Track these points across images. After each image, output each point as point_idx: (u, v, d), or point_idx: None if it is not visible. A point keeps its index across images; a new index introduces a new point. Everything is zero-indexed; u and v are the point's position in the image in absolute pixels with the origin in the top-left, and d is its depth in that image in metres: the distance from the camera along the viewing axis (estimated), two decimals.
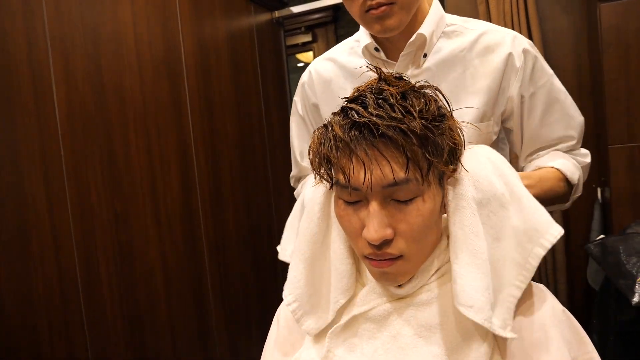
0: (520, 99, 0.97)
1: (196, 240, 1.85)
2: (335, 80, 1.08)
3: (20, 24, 1.28)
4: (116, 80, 1.55)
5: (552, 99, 0.98)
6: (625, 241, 1.41)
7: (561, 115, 0.99)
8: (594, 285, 1.82)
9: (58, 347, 1.32)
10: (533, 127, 0.99)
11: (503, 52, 0.95)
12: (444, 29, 0.99)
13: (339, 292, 0.68)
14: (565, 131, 1.00)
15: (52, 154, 1.35)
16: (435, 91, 0.64)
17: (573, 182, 0.98)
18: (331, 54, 1.12)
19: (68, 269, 1.37)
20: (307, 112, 1.16)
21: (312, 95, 1.13)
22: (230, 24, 2.16)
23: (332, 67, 1.09)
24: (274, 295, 2.32)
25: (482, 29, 0.98)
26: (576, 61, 2.23)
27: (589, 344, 0.66)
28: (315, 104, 1.13)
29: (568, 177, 0.97)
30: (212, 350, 1.89)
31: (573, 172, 0.98)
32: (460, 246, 0.62)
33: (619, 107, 1.85)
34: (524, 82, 0.96)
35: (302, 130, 1.19)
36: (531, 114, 0.98)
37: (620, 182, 1.86)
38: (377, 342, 0.66)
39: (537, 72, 0.97)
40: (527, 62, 0.95)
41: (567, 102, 1.00)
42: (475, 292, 0.60)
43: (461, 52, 0.97)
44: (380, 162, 0.57)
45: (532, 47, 0.97)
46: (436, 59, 0.98)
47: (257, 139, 2.31)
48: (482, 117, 0.97)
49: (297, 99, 1.19)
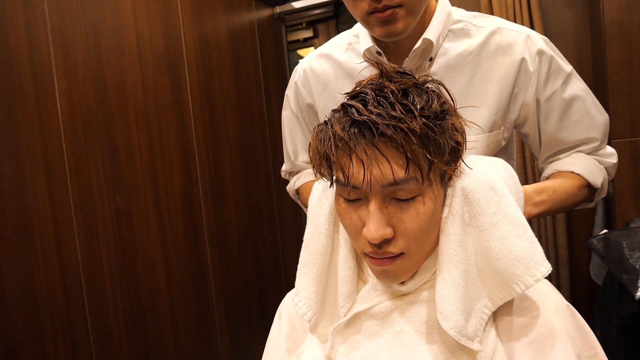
0: (537, 103, 0.91)
1: (198, 235, 1.85)
2: (333, 82, 1.01)
3: (21, 19, 1.28)
4: (117, 76, 1.55)
5: (571, 99, 0.91)
6: (628, 235, 1.40)
7: (581, 115, 0.91)
8: (597, 279, 1.82)
9: (61, 343, 1.33)
10: (551, 131, 0.93)
11: (515, 56, 0.88)
12: (450, 26, 0.92)
13: (344, 297, 0.68)
14: (586, 132, 0.92)
15: (53, 149, 1.34)
16: (438, 86, 0.62)
17: (596, 186, 0.92)
18: (326, 49, 1.04)
19: (70, 265, 1.37)
20: (300, 111, 1.11)
21: (307, 95, 1.07)
22: (231, 19, 2.15)
23: (329, 66, 1.02)
24: (276, 289, 2.33)
25: (491, 28, 0.90)
26: (579, 55, 2.22)
27: (593, 339, 0.65)
28: (310, 104, 1.07)
29: (590, 182, 0.91)
30: (214, 345, 1.89)
31: (596, 176, 0.91)
32: (443, 253, 0.62)
33: (622, 101, 1.84)
34: (539, 86, 0.89)
35: (294, 128, 1.14)
36: (548, 118, 0.92)
37: (623, 176, 1.85)
38: (380, 339, 0.66)
39: (553, 74, 0.90)
40: (542, 65, 0.89)
41: (587, 100, 0.92)
42: (447, 301, 0.60)
43: (469, 55, 0.90)
44: (380, 162, 0.56)
45: (547, 45, 0.90)
46: (442, 63, 0.91)
47: (258, 134, 2.31)
48: (492, 127, 0.91)
49: (289, 95, 1.12)
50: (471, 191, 0.62)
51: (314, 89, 1.05)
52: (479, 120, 0.90)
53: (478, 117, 0.90)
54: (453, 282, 0.60)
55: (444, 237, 0.62)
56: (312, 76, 1.05)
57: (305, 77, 1.06)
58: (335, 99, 1.01)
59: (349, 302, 0.68)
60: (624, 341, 1.39)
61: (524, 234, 0.61)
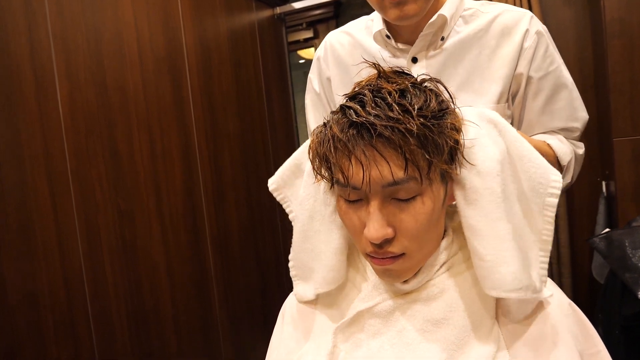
0: (528, 79, 0.95)
1: (200, 236, 1.85)
2: (350, 55, 1.05)
3: (22, 23, 1.28)
4: (118, 78, 1.55)
5: (560, 86, 0.96)
6: (630, 234, 1.40)
7: (566, 104, 0.97)
8: (599, 278, 1.81)
9: (64, 344, 1.33)
10: (535, 112, 0.97)
11: (520, 31, 0.93)
12: (462, 13, 0.97)
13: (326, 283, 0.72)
14: (566, 122, 0.98)
15: (55, 152, 1.35)
16: (436, 84, 0.62)
17: (562, 162, 0.96)
18: (348, 28, 1.09)
19: (73, 267, 1.37)
20: (322, 87, 1.13)
21: (326, 68, 1.10)
22: (231, 20, 2.15)
23: (348, 42, 1.07)
24: (277, 290, 2.33)
25: (498, 10, 0.96)
26: (579, 54, 2.22)
27: (596, 337, 0.66)
28: (329, 77, 1.10)
29: (559, 157, 0.95)
30: (216, 345, 1.89)
31: (565, 153, 0.96)
32: (483, 235, 0.61)
33: (623, 99, 1.84)
34: (533, 63, 0.94)
35: (318, 108, 1.16)
36: (536, 98, 0.96)
37: (625, 175, 1.85)
38: (383, 337, 0.66)
39: (549, 57, 0.95)
40: (540, 45, 0.94)
41: (573, 93, 0.97)
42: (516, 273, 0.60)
43: (478, 33, 0.95)
44: (378, 163, 0.56)
45: (546, 32, 0.96)
46: (453, 41, 0.96)
47: (259, 135, 2.31)
48: (499, 99, 0.95)
49: (312, 76, 1.15)
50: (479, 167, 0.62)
51: (332, 62, 1.09)
52: (487, 92, 0.94)
53: (485, 89, 0.94)
54: (511, 252, 0.60)
55: (479, 220, 0.61)
56: (331, 51, 1.09)
57: (326, 51, 1.10)
58: (348, 73, 1.05)
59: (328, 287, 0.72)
60: (626, 340, 1.38)
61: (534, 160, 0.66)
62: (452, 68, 0.96)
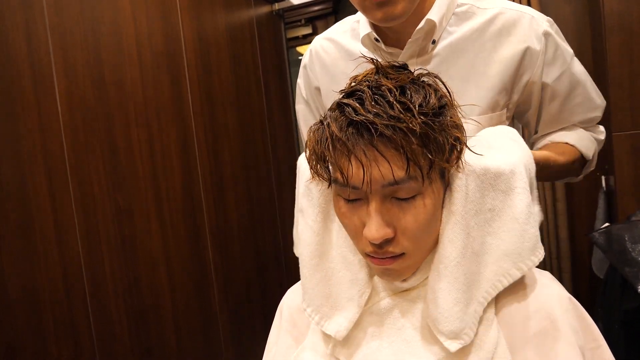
0: (542, 85, 0.91)
1: (199, 233, 1.85)
2: (336, 65, 1.01)
3: (20, 18, 1.28)
4: (117, 74, 1.54)
5: (574, 83, 0.92)
6: (630, 229, 1.40)
7: (583, 99, 0.94)
8: (599, 273, 1.82)
9: (63, 342, 1.33)
10: (552, 113, 0.94)
11: (520, 37, 0.88)
12: (455, 10, 0.90)
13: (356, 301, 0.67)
14: (584, 115, 0.95)
15: (53, 148, 1.34)
16: (435, 79, 0.61)
17: (588, 157, 0.95)
18: (331, 34, 1.04)
19: (72, 264, 1.37)
20: (311, 95, 1.10)
21: (314, 78, 1.07)
22: (230, 16, 2.14)
23: (334, 49, 1.02)
24: (277, 287, 2.33)
25: (497, 9, 0.89)
26: (579, 48, 2.21)
27: (596, 331, 0.65)
28: (317, 87, 1.07)
29: (583, 153, 0.94)
30: (215, 343, 1.89)
31: (589, 147, 0.94)
32: (440, 254, 0.62)
33: (622, 93, 1.84)
34: (545, 67, 0.89)
35: (307, 116, 1.13)
36: (553, 101, 0.93)
37: (624, 169, 1.85)
38: (382, 335, 0.65)
39: (560, 56, 0.90)
40: (549, 46, 0.89)
41: (587, 84, 0.94)
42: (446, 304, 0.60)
43: (473, 34, 0.89)
44: (379, 162, 0.55)
45: (551, 26, 0.90)
46: (445, 45, 0.90)
47: (258, 132, 2.31)
48: (494, 107, 0.90)
49: (300, 83, 1.12)
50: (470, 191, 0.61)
51: (319, 71, 1.05)
52: (482, 101, 0.89)
53: (481, 97, 0.89)
54: (449, 285, 0.61)
55: (443, 237, 0.62)
56: (317, 59, 1.05)
57: (312, 60, 1.06)
58: (337, 82, 0.99)
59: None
60: (626, 335, 1.39)
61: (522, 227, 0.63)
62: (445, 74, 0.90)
